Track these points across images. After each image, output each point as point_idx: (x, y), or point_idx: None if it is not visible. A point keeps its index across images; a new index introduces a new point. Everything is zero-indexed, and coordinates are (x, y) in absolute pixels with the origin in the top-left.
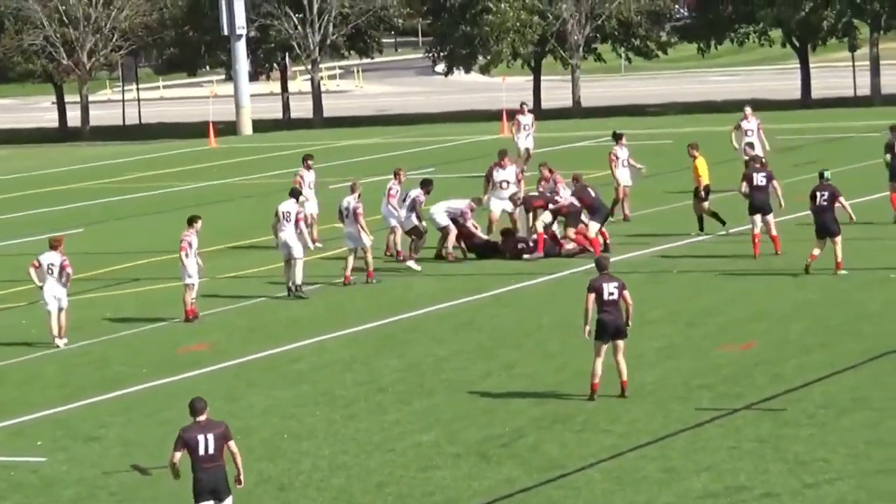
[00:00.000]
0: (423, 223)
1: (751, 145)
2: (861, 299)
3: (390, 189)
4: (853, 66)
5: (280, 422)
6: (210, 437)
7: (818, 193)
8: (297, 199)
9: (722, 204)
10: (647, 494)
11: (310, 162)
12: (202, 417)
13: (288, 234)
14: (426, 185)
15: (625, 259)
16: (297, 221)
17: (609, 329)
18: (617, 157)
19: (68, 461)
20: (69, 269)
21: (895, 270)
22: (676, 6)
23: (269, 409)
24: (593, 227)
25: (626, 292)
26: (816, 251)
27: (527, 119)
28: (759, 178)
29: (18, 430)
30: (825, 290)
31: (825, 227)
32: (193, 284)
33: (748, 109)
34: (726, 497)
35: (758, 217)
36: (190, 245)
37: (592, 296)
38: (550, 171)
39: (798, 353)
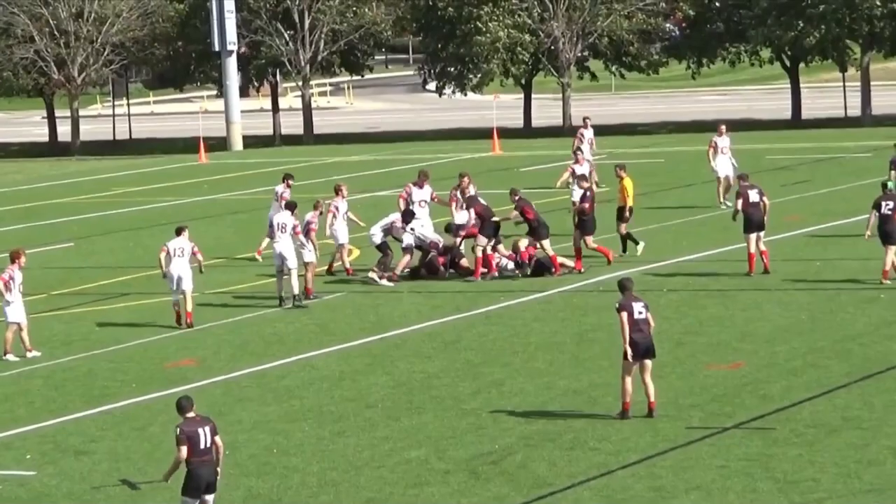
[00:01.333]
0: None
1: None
2: (849, 319)
3: (336, 207)
4: (843, 86)
5: (268, 437)
6: (207, 430)
7: (883, 203)
8: (293, 212)
9: (711, 222)
10: None
11: (290, 181)
12: (192, 413)
13: (283, 245)
14: (406, 216)
15: (614, 277)
16: (295, 234)
17: (640, 349)
18: (574, 173)
19: (57, 475)
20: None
21: (885, 290)
22: (668, 25)
23: (257, 425)
24: (547, 245)
25: (649, 313)
26: (889, 263)
27: (590, 133)
28: (753, 195)
29: (6, 444)
30: (813, 309)
31: (890, 234)
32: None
33: (723, 128)
34: None
35: (753, 235)
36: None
37: (625, 314)
38: (467, 179)
39: (787, 372)
